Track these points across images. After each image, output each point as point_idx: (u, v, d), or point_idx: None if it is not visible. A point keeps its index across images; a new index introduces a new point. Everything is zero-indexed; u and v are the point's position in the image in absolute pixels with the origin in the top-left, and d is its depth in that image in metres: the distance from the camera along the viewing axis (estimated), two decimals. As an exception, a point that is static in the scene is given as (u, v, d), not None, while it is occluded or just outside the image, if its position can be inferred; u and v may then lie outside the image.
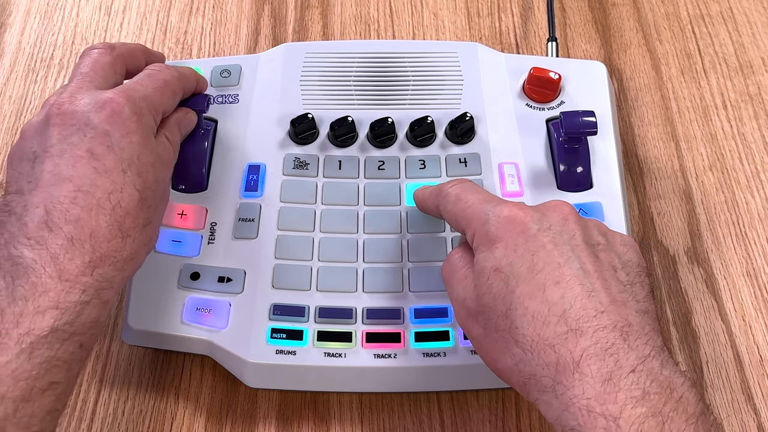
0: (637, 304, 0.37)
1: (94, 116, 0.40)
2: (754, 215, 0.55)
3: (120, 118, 0.41)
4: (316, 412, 0.48)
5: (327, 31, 0.65)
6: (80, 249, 0.38)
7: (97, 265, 0.38)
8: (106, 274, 0.38)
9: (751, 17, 0.64)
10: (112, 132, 0.40)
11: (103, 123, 0.40)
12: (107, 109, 0.41)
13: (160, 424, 0.48)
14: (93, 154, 0.39)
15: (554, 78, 0.53)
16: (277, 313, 0.47)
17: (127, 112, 0.41)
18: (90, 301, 0.37)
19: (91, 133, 0.40)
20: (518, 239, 0.39)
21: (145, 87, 0.44)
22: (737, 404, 0.48)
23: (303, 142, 0.53)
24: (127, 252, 0.39)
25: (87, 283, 0.37)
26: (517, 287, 0.37)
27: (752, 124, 0.59)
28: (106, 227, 0.39)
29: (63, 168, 0.39)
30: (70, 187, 0.38)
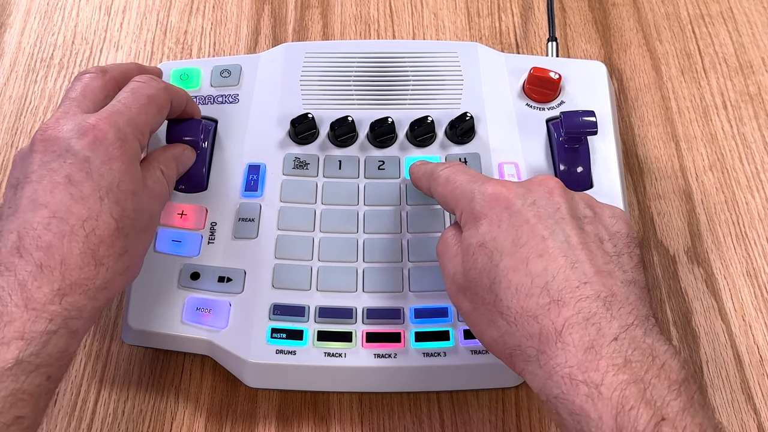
0: (623, 274, 0.37)
1: (75, 142, 0.40)
2: (754, 215, 0.55)
3: (102, 145, 0.40)
4: (316, 412, 0.48)
5: (327, 31, 0.65)
6: (49, 276, 0.37)
7: (66, 293, 0.37)
8: (76, 302, 0.37)
9: (751, 17, 0.64)
10: (93, 158, 0.40)
11: (85, 149, 0.40)
12: (89, 136, 0.40)
13: (160, 424, 0.48)
14: (71, 180, 0.39)
15: (554, 78, 0.53)
16: (277, 313, 0.47)
17: (110, 138, 0.40)
18: (57, 330, 0.36)
19: (71, 159, 0.39)
20: (502, 215, 0.39)
21: (129, 107, 0.43)
22: (737, 404, 0.48)
23: (303, 142, 0.53)
24: (100, 281, 0.38)
25: (54, 312, 0.36)
26: (501, 261, 0.38)
27: (752, 124, 0.59)
28: (78, 254, 0.38)
29: (40, 194, 0.39)
30: (45, 213, 0.38)
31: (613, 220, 0.41)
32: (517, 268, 0.37)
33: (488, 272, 0.38)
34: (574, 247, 0.38)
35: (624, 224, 0.41)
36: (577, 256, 0.37)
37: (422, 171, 0.47)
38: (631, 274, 0.38)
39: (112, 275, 0.39)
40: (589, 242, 0.38)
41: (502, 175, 0.51)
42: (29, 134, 0.59)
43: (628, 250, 0.39)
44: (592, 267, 0.37)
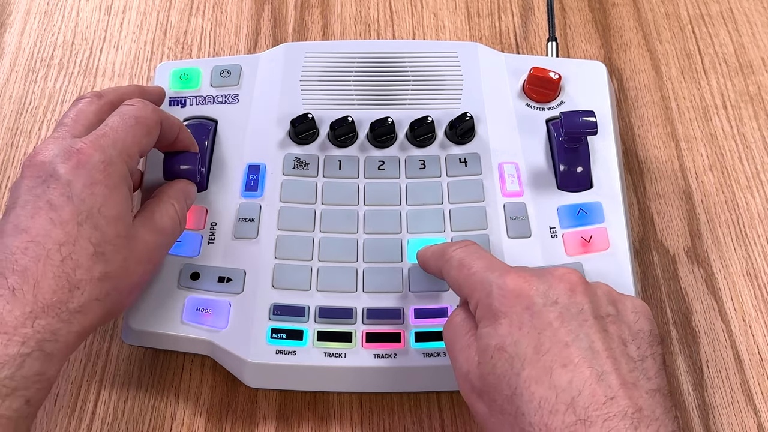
0: (648, 382, 0.36)
1: (59, 167, 0.40)
2: (754, 215, 0.55)
3: (85, 169, 0.40)
4: (316, 412, 0.48)
5: (327, 31, 0.65)
6: (21, 299, 0.37)
7: (38, 316, 0.37)
8: (49, 325, 0.37)
9: (751, 17, 0.64)
10: (75, 183, 0.40)
11: (67, 173, 0.40)
12: (73, 160, 0.40)
13: (160, 424, 0.48)
14: (52, 205, 0.39)
15: (554, 78, 0.53)
16: (277, 313, 0.47)
17: (94, 161, 0.40)
18: (31, 353, 0.36)
19: (54, 184, 0.40)
20: (523, 315, 0.37)
21: (116, 130, 0.42)
22: (737, 404, 0.48)
23: (303, 142, 0.53)
24: (74, 304, 0.38)
25: (27, 335, 0.36)
26: (523, 370, 0.36)
27: (752, 124, 0.59)
28: (52, 278, 0.38)
29: (23, 219, 0.39)
30: (25, 237, 0.38)
31: (635, 316, 0.39)
32: (541, 379, 0.35)
33: (508, 380, 0.36)
34: (598, 354, 0.36)
35: (646, 321, 0.39)
36: (602, 366, 0.35)
37: (430, 252, 0.45)
38: (655, 381, 0.36)
39: (88, 299, 0.39)
40: (613, 347, 0.36)
41: (502, 174, 0.51)
42: (29, 134, 0.59)
43: (652, 351, 0.38)
44: (618, 378, 0.35)
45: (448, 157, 0.52)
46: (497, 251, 0.49)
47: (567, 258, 0.49)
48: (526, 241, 0.49)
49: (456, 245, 0.44)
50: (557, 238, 0.49)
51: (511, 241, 0.49)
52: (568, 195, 0.51)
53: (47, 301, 0.37)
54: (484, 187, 0.51)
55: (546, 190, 0.51)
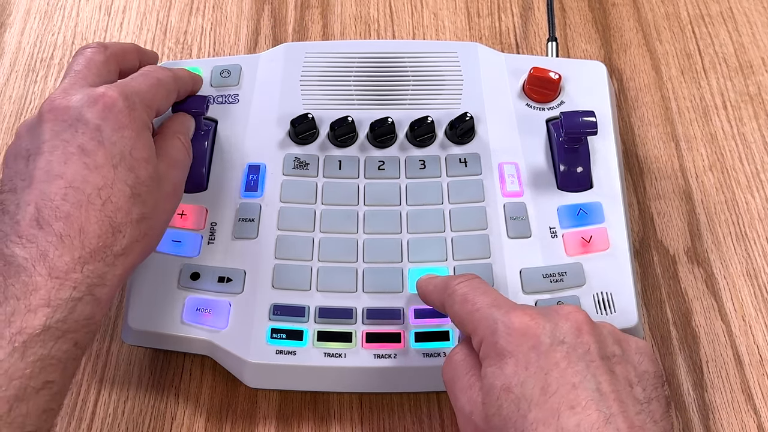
0: (654, 425, 0.36)
1: (86, 111, 0.40)
2: (754, 215, 0.55)
3: (112, 113, 0.41)
4: (316, 412, 0.48)
5: (327, 31, 0.65)
6: (69, 245, 0.37)
7: (87, 261, 0.38)
8: (97, 270, 0.38)
9: (751, 17, 0.64)
10: (104, 127, 0.40)
11: (95, 118, 0.40)
12: (99, 104, 0.41)
13: (160, 424, 0.48)
14: (84, 150, 0.39)
15: (554, 78, 0.53)
16: (277, 313, 0.47)
17: (119, 106, 0.41)
18: (82, 297, 0.37)
19: (83, 128, 0.40)
20: (530, 355, 0.36)
21: (139, 84, 0.44)
22: (737, 404, 0.48)
23: (303, 142, 0.53)
24: (118, 247, 0.39)
25: (77, 280, 0.37)
26: (530, 412, 0.35)
27: (752, 124, 0.59)
28: (96, 223, 0.38)
29: (55, 165, 0.39)
30: (61, 183, 0.38)
31: (639, 356, 0.38)
32: (548, 422, 0.34)
33: (514, 422, 0.35)
34: (606, 396, 0.35)
35: (650, 362, 0.39)
36: (610, 409, 0.35)
37: (432, 285, 0.44)
38: (661, 424, 0.36)
39: (130, 241, 0.40)
40: (620, 390, 0.36)
41: (502, 174, 0.51)
42: (29, 134, 0.59)
43: (657, 393, 0.37)
44: (626, 421, 0.35)
45: (448, 157, 0.52)
46: (497, 251, 0.49)
47: (567, 258, 0.49)
48: (526, 241, 0.49)
49: (459, 278, 0.42)
50: (557, 238, 0.49)
51: (511, 241, 0.49)
52: (568, 195, 0.51)
53: (94, 246, 0.38)
54: (484, 187, 0.51)
55: (546, 190, 0.51)
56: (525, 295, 0.48)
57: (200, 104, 0.50)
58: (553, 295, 0.48)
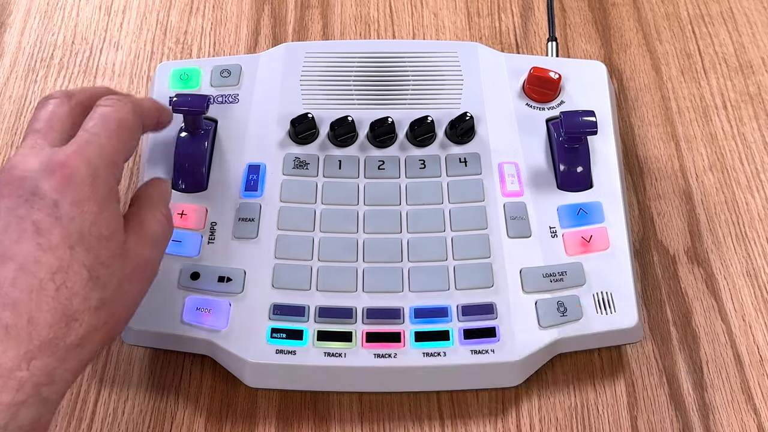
0: None
1: (43, 183, 0.36)
2: (754, 215, 0.55)
3: (71, 184, 0.36)
4: (316, 412, 0.48)
5: (327, 31, 0.65)
6: (16, 338, 0.33)
7: (34, 356, 0.34)
8: (46, 366, 0.34)
9: (751, 17, 0.64)
10: (62, 201, 0.36)
11: (52, 191, 0.36)
12: (57, 175, 0.36)
13: (160, 424, 0.48)
14: (38, 228, 0.35)
15: (554, 78, 0.53)
16: (277, 312, 0.47)
17: (81, 175, 0.37)
18: (26, 400, 0.33)
19: (39, 203, 0.36)
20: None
21: (99, 136, 0.39)
22: (737, 404, 0.48)
23: (303, 141, 0.53)
24: (72, 338, 0.35)
25: (23, 379, 0.33)
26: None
27: (752, 124, 0.59)
28: (48, 311, 0.34)
29: (7, 244, 0.35)
30: (12, 266, 0.35)
31: None
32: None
33: None
34: None
35: None
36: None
37: None
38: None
39: (88, 331, 0.36)
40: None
41: (502, 174, 0.51)
42: (29, 134, 0.59)
43: None
44: None
45: (448, 156, 0.52)
46: (497, 251, 0.49)
47: (567, 258, 0.49)
48: (526, 241, 0.49)
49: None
50: (557, 238, 0.49)
51: (511, 241, 0.49)
52: (568, 195, 0.51)
53: (44, 338, 0.34)
54: (484, 187, 0.51)
55: (546, 190, 0.51)
56: (525, 295, 0.48)
57: (200, 104, 0.50)
58: (553, 294, 0.48)
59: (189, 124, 0.52)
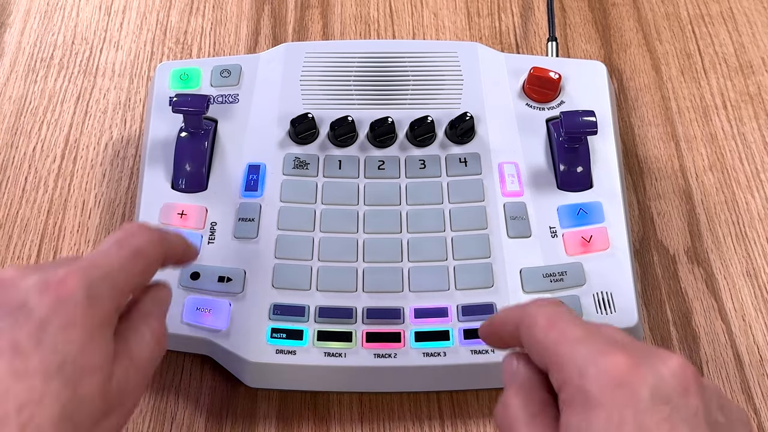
0: None
1: (33, 297, 0.32)
2: (754, 215, 0.55)
3: (64, 306, 0.32)
4: (316, 412, 0.48)
5: (327, 31, 0.65)
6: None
7: None
8: None
9: (751, 17, 0.64)
10: (49, 323, 0.32)
11: (42, 308, 0.32)
12: (51, 293, 0.32)
13: (160, 424, 0.48)
14: (17, 349, 0.31)
15: (554, 78, 0.53)
16: (277, 312, 0.47)
17: (77, 297, 0.33)
18: None
19: (24, 319, 0.32)
20: (625, 412, 0.30)
21: (110, 260, 0.35)
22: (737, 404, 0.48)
23: (303, 141, 0.53)
24: None
25: None
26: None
27: (752, 124, 0.59)
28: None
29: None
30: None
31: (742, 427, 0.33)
32: None
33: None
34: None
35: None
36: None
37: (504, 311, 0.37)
38: None
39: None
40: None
41: (502, 174, 0.51)
42: (29, 134, 0.59)
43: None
44: None
45: (448, 156, 0.52)
46: (497, 251, 0.49)
47: (567, 258, 0.49)
48: (526, 241, 0.49)
49: (542, 302, 0.35)
50: (557, 238, 0.49)
51: (511, 241, 0.49)
52: (568, 195, 0.51)
53: None
54: (484, 187, 0.51)
55: (546, 190, 0.51)
56: (525, 295, 0.48)
57: (200, 104, 0.50)
58: (553, 294, 0.48)
59: (189, 124, 0.52)
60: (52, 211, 0.55)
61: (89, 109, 0.60)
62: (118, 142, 0.58)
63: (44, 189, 0.56)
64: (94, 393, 0.33)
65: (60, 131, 0.59)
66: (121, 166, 0.57)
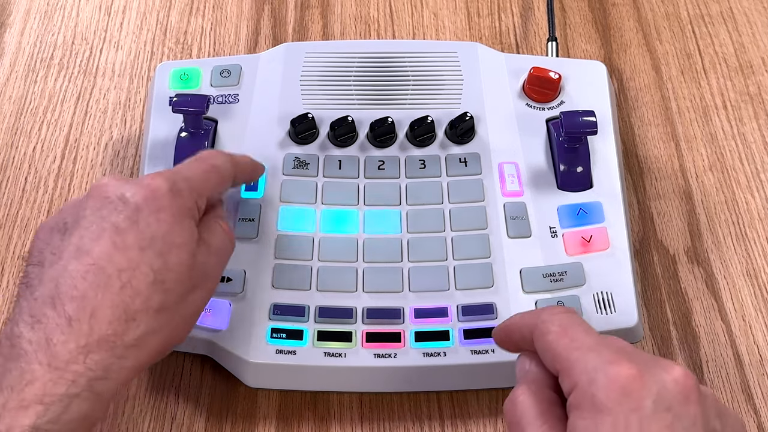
0: None
1: (128, 192, 0.39)
2: (754, 215, 0.55)
3: (154, 196, 0.39)
4: (316, 412, 0.48)
5: (327, 31, 0.65)
6: (77, 331, 0.35)
7: (92, 350, 0.35)
8: (102, 361, 0.35)
9: (751, 17, 0.64)
10: (143, 208, 0.38)
11: (137, 199, 0.39)
12: (144, 189, 0.39)
13: (160, 424, 0.48)
14: (117, 228, 0.38)
15: (554, 78, 0.53)
16: (277, 313, 0.47)
17: (163, 189, 0.39)
18: (80, 393, 0.34)
19: (122, 207, 0.38)
20: (630, 418, 0.32)
21: (191, 170, 0.42)
22: (737, 404, 0.48)
23: (303, 141, 0.53)
24: (129, 337, 0.36)
25: (78, 372, 0.34)
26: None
27: (752, 124, 0.59)
28: (110, 307, 0.36)
29: (86, 241, 0.37)
30: (87, 260, 0.37)
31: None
32: None
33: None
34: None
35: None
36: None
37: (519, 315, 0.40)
38: None
39: (145, 332, 0.37)
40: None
41: (502, 174, 0.51)
42: (29, 134, 0.59)
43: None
44: None
45: (448, 156, 0.52)
46: (497, 251, 0.49)
47: (567, 258, 0.49)
48: (526, 241, 0.49)
49: (556, 309, 0.38)
50: (557, 238, 0.49)
51: (511, 241, 0.49)
52: (568, 195, 0.51)
53: (102, 332, 0.35)
54: (484, 187, 0.51)
55: (546, 190, 0.51)
56: (525, 295, 0.48)
57: (200, 104, 0.50)
58: (553, 294, 0.48)
59: (189, 124, 0.52)
60: (52, 212, 0.55)
61: (89, 109, 0.60)
62: (118, 142, 0.58)
63: (44, 189, 0.56)
64: (182, 265, 0.39)
65: (60, 131, 0.59)
66: (121, 166, 0.57)
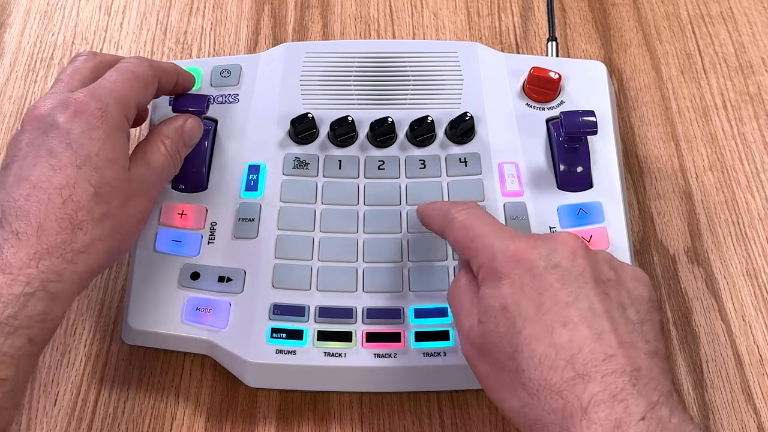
0: (646, 344, 0.37)
1: (58, 116, 0.42)
2: (754, 215, 0.55)
3: (83, 116, 0.42)
4: (316, 412, 0.48)
5: (327, 31, 0.65)
6: (26, 242, 0.38)
7: (42, 257, 0.38)
8: (54, 266, 0.38)
9: (751, 17, 0.64)
10: (73, 129, 0.41)
11: (66, 122, 0.41)
12: (71, 108, 0.42)
13: (160, 424, 0.48)
14: (51, 152, 0.41)
15: (554, 78, 0.53)
16: (277, 312, 0.47)
17: (90, 108, 0.42)
18: (35, 293, 0.38)
19: (54, 132, 0.41)
20: (525, 277, 0.38)
21: (112, 82, 0.44)
22: (737, 404, 0.48)
23: (303, 141, 0.53)
24: (78, 244, 0.40)
25: (31, 275, 0.38)
26: (524, 328, 0.37)
27: (752, 124, 0.59)
28: (55, 220, 0.39)
29: (25, 169, 0.40)
30: (26, 185, 0.40)
31: (634, 282, 0.39)
32: (541, 338, 0.36)
33: (510, 339, 0.37)
34: (598, 315, 0.36)
35: (645, 288, 0.40)
36: (601, 326, 0.36)
37: (435, 211, 0.46)
38: (653, 344, 0.37)
39: (92, 239, 0.40)
40: (612, 309, 0.37)
41: (502, 174, 0.51)
42: (29, 134, 0.59)
43: (650, 317, 0.38)
44: (617, 338, 0.36)
45: (448, 156, 0.52)
46: (497, 251, 0.49)
47: (567, 258, 0.49)
48: (526, 241, 0.49)
49: (460, 206, 0.44)
50: (557, 238, 0.49)
51: (511, 241, 0.49)
52: (568, 195, 0.51)
53: (51, 242, 0.39)
54: (484, 187, 0.51)
55: (546, 190, 0.51)
56: (525, 295, 0.48)
57: (200, 104, 0.50)
58: (553, 294, 0.48)
59: (189, 124, 0.52)
60: (52, 211, 0.55)
61: (89, 109, 0.60)
62: (118, 142, 0.58)
63: (44, 189, 0.56)
64: (118, 178, 0.42)
65: (60, 131, 0.59)
66: (121, 166, 0.57)
